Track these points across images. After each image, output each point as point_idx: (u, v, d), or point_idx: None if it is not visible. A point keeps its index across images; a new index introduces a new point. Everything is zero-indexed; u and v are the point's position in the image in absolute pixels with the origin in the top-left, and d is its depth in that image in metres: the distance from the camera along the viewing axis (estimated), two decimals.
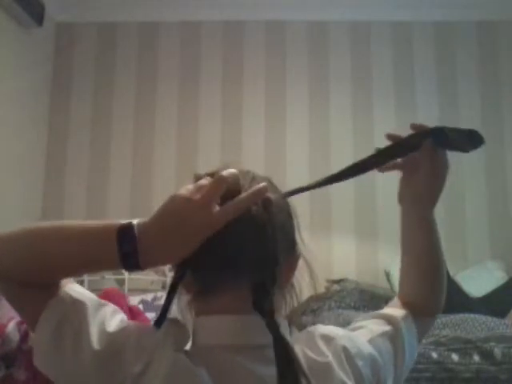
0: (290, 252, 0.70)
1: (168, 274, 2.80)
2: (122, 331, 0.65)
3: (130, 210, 2.97)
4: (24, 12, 2.60)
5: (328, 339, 0.67)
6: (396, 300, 0.84)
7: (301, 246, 0.72)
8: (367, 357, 0.68)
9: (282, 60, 3.15)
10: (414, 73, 3.13)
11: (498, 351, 1.56)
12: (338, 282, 2.58)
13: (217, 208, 0.62)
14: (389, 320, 0.78)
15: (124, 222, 0.64)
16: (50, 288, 0.67)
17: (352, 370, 0.64)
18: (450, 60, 3.13)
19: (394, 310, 0.81)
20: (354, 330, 0.76)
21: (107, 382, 0.62)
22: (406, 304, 0.82)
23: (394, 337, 0.75)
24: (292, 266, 0.71)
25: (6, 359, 1.74)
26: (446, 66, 3.13)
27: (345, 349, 0.66)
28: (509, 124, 3.05)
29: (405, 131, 0.82)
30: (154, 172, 3.00)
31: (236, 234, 0.63)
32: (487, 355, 1.56)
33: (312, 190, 0.78)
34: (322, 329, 0.70)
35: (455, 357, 1.56)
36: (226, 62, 3.15)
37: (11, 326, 1.79)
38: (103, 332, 0.64)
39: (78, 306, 0.66)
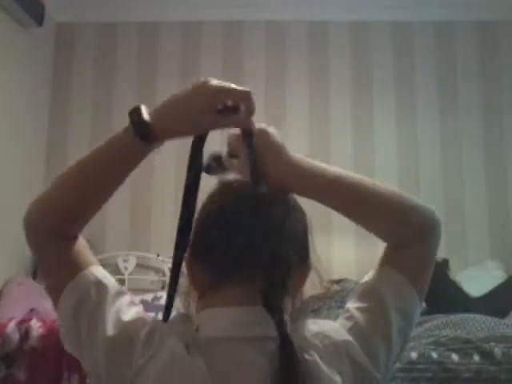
0: (302, 262, 0.72)
1: (168, 274, 2.80)
2: (136, 322, 0.67)
3: (130, 207, 2.97)
4: (24, 12, 2.60)
5: (304, 339, 0.67)
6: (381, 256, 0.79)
7: (312, 256, 0.74)
8: (341, 348, 0.66)
9: (282, 60, 3.15)
10: (414, 73, 3.13)
11: (498, 351, 1.56)
12: (338, 282, 2.58)
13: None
14: (367, 290, 0.74)
15: None
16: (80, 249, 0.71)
17: (333, 368, 0.64)
18: (450, 60, 3.13)
19: (372, 272, 0.77)
20: (344, 314, 0.74)
21: (114, 369, 0.64)
22: (386, 250, 0.77)
23: (373, 308, 0.71)
24: (304, 276, 0.73)
25: (6, 359, 1.74)
26: (446, 65, 3.13)
27: (316, 347, 0.65)
28: (509, 124, 3.05)
29: (405, 131, 0.82)
30: (154, 172, 3.00)
31: (258, 233, 0.66)
32: (487, 355, 1.55)
33: None
34: (301, 328, 0.69)
35: (455, 357, 1.56)
36: (226, 62, 3.15)
37: (11, 326, 1.79)
38: (118, 320, 0.66)
39: (99, 287, 0.69)
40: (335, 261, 2.84)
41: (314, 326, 0.69)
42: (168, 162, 2.99)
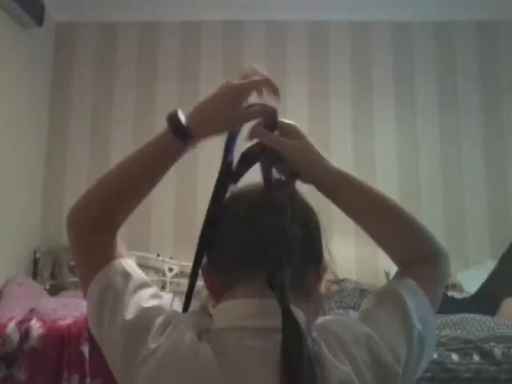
0: (316, 262, 0.75)
1: (168, 274, 2.80)
2: (154, 309, 0.70)
3: None
4: (24, 12, 2.60)
5: (319, 327, 0.68)
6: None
7: (328, 260, 0.77)
8: (360, 338, 0.67)
9: (282, 60, 3.15)
10: (414, 73, 3.13)
11: (497, 351, 1.56)
12: (338, 282, 2.58)
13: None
14: (385, 293, 0.76)
15: None
16: (113, 245, 0.76)
17: (345, 355, 0.64)
18: (450, 60, 3.13)
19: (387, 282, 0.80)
20: (360, 314, 0.75)
21: (129, 349, 0.67)
22: (401, 267, 0.79)
23: (392, 307, 0.73)
24: (319, 277, 0.75)
25: (6, 359, 1.74)
26: (446, 65, 3.13)
27: (336, 335, 0.67)
28: (509, 124, 3.05)
29: (405, 131, 0.82)
30: None
31: (269, 233, 0.68)
32: (487, 355, 1.56)
33: (312, 188, 0.79)
34: (320, 320, 0.71)
35: (455, 357, 1.56)
36: (226, 62, 3.15)
37: (11, 326, 1.79)
38: (138, 306, 0.70)
39: (126, 277, 0.73)
40: (335, 261, 2.83)
41: (334, 316, 0.73)
42: None
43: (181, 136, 0.73)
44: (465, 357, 1.56)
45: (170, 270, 2.80)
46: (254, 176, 0.76)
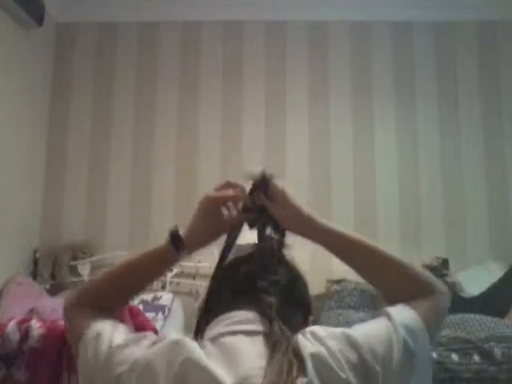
0: (304, 311, 0.85)
1: (168, 274, 2.79)
2: (139, 334, 0.78)
3: (129, 207, 2.97)
4: (24, 12, 2.60)
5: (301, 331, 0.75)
6: None
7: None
8: (337, 335, 0.72)
9: (282, 60, 3.15)
10: (414, 73, 3.13)
11: (497, 351, 1.56)
12: (338, 282, 2.58)
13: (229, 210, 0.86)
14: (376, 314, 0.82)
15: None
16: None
17: (320, 344, 0.70)
18: (450, 60, 3.13)
19: None
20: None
21: (111, 368, 0.72)
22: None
23: (377, 319, 0.78)
24: (305, 325, 0.80)
25: (6, 359, 1.74)
26: (445, 66, 3.13)
27: (312, 332, 0.73)
28: (509, 124, 3.05)
29: (405, 131, 0.81)
30: (153, 172, 3.00)
31: (249, 265, 0.85)
32: (487, 355, 1.55)
33: (313, 189, 0.84)
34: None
35: (455, 357, 1.56)
36: (226, 62, 3.15)
37: (11, 326, 1.79)
38: (124, 336, 0.78)
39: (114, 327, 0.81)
40: (335, 261, 2.83)
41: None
42: (168, 161, 2.99)
43: (180, 250, 0.87)
44: (465, 357, 1.56)
45: (170, 269, 2.80)
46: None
